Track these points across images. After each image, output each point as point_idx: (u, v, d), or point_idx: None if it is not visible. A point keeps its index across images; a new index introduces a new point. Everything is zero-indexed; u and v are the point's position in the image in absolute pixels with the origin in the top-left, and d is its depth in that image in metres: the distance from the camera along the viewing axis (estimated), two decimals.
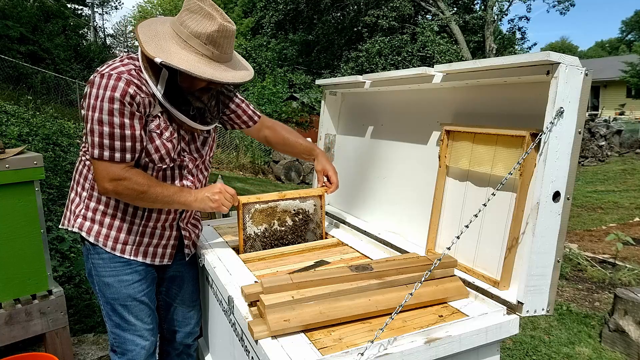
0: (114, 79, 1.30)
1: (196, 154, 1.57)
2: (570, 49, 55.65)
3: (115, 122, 1.31)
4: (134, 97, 1.32)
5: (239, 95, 1.75)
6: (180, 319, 1.77)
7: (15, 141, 5.12)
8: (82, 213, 1.51)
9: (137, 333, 1.57)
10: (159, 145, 1.43)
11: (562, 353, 2.75)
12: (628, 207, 7.38)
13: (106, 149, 1.33)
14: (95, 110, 1.30)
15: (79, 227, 1.51)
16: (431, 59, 16.69)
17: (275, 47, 20.81)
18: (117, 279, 1.52)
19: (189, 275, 1.76)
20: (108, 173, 1.35)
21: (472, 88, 1.50)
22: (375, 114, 2.08)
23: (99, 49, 19.93)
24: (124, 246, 1.51)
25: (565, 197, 1.15)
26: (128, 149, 1.35)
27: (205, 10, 1.32)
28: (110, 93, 1.29)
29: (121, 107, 1.31)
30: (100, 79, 1.31)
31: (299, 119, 14.69)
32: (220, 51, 1.36)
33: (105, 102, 1.29)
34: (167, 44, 1.34)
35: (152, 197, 1.41)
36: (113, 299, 1.53)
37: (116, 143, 1.33)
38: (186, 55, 1.32)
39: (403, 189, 1.84)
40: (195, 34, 1.32)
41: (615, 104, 25.32)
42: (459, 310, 1.21)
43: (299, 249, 1.69)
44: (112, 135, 1.32)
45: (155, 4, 32.90)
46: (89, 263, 1.55)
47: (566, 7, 20.59)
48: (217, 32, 1.32)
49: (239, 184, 9.46)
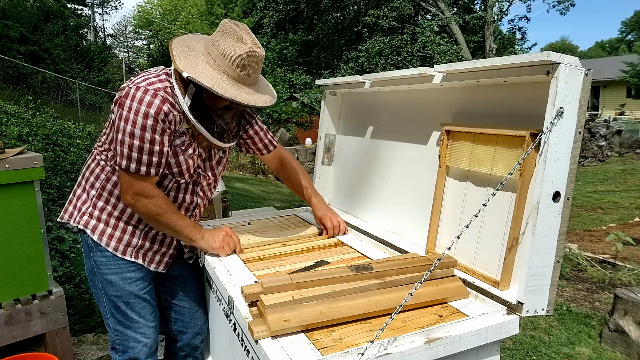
0: (150, 94, 1.34)
1: (210, 172, 1.64)
2: (570, 49, 55.68)
3: (147, 137, 1.35)
4: (167, 114, 1.36)
5: (260, 122, 1.80)
6: (187, 320, 1.78)
7: (15, 141, 5.12)
8: (89, 211, 1.54)
9: (140, 331, 1.59)
10: (181, 161, 1.48)
11: (562, 353, 2.75)
12: (628, 207, 7.38)
13: (134, 162, 1.37)
14: (128, 122, 1.34)
15: (84, 224, 1.53)
16: (431, 59, 16.71)
17: (275, 47, 20.82)
18: (120, 277, 1.54)
19: (192, 274, 1.77)
20: (132, 186, 1.40)
21: (472, 88, 1.50)
22: (375, 114, 2.08)
23: (99, 49, 19.94)
24: (125, 247, 1.54)
25: (565, 197, 1.15)
26: (154, 164, 1.40)
27: (238, 34, 1.37)
28: (146, 109, 1.33)
29: (154, 123, 1.34)
30: (135, 91, 1.34)
31: (299, 119, 14.69)
32: (246, 74, 1.40)
33: (140, 117, 1.33)
34: (197, 60, 1.39)
35: (164, 222, 1.46)
36: (116, 297, 1.55)
37: (144, 157, 1.37)
38: (212, 74, 1.36)
39: (403, 189, 1.84)
40: (224, 55, 1.37)
41: (615, 104, 25.33)
42: (459, 310, 1.21)
43: (299, 249, 1.69)
44: (141, 149, 1.36)
45: (155, 4, 32.91)
46: (91, 261, 1.57)
47: (566, 7, 20.58)
48: (246, 55, 1.37)
49: (239, 184, 9.46)
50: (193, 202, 1.62)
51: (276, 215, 2.20)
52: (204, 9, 28.73)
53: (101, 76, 17.35)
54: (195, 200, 1.62)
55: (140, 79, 1.40)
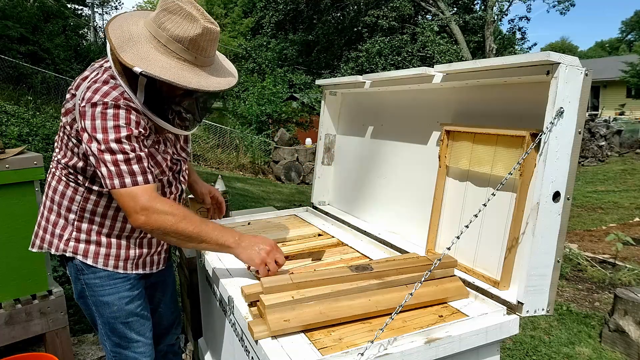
0: (112, 107, 1.20)
1: (183, 153, 1.55)
2: (570, 49, 55.68)
3: (127, 148, 1.22)
4: (138, 122, 1.25)
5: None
6: (165, 323, 1.76)
7: (15, 141, 5.12)
8: (73, 236, 1.41)
9: (139, 350, 1.51)
10: (160, 161, 1.40)
11: (562, 353, 2.75)
12: (628, 207, 7.38)
13: (127, 176, 1.21)
14: (101, 142, 1.20)
15: (72, 250, 1.41)
16: (431, 59, 16.71)
17: (275, 47, 20.82)
18: (117, 297, 1.44)
19: (170, 279, 1.76)
20: (137, 202, 1.21)
21: (472, 88, 1.50)
22: (375, 114, 2.08)
23: (99, 49, 19.92)
24: (125, 262, 1.45)
25: (565, 197, 1.15)
26: (147, 169, 1.25)
27: (186, 11, 1.21)
28: (114, 123, 1.20)
29: (128, 133, 1.22)
30: (93, 109, 1.19)
31: (299, 119, 14.68)
32: (203, 55, 1.27)
33: (111, 134, 1.20)
34: (144, 48, 1.23)
35: (184, 232, 1.25)
36: (113, 318, 1.45)
37: (134, 167, 1.23)
38: (167, 62, 1.22)
39: (403, 189, 1.84)
40: (175, 38, 1.22)
41: (615, 104, 25.31)
42: (459, 310, 1.21)
43: (299, 249, 1.69)
44: (127, 160, 1.22)
45: (155, 4, 32.88)
46: (79, 284, 1.45)
47: (566, 7, 20.59)
48: (200, 35, 1.22)
49: (239, 184, 9.47)
50: (179, 190, 1.55)
51: (276, 215, 2.20)
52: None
53: None
54: (180, 187, 1.54)
55: (90, 93, 1.22)
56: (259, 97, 14.66)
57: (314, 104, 14.97)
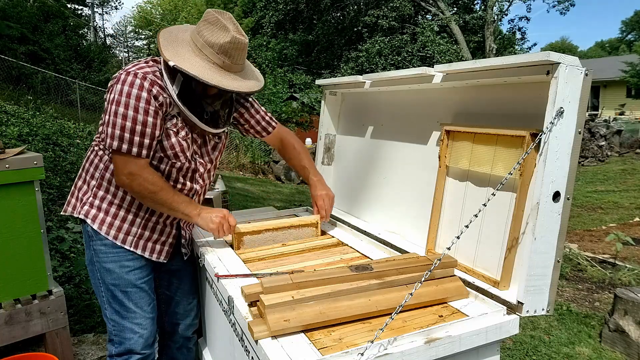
0: (139, 77, 1.39)
1: (206, 157, 1.66)
2: (570, 49, 55.66)
3: (138, 118, 1.39)
4: (157, 97, 1.41)
5: (256, 105, 1.82)
6: (181, 312, 1.83)
7: (15, 141, 5.13)
8: (89, 201, 1.56)
9: (136, 321, 1.60)
10: (174, 143, 1.50)
11: (562, 353, 2.75)
12: (628, 207, 7.37)
13: (125, 143, 1.40)
14: (120, 104, 1.38)
15: (85, 214, 1.56)
16: (431, 59, 16.71)
17: (275, 47, 20.83)
18: (118, 264, 1.56)
19: (189, 269, 1.83)
20: (126, 166, 1.43)
21: (472, 88, 1.50)
22: (375, 114, 2.08)
23: (99, 49, 19.94)
24: (125, 236, 1.56)
25: (565, 197, 1.15)
26: (145, 145, 1.43)
27: (221, 23, 1.42)
28: (137, 91, 1.38)
29: (145, 105, 1.39)
30: (126, 76, 1.39)
31: (299, 119, 14.69)
32: (231, 61, 1.44)
33: (132, 99, 1.38)
34: (183, 49, 1.44)
35: (160, 200, 1.48)
36: (114, 285, 1.57)
37: (135, 138, 1.40)
38: (198, 62, 1.41)
39: (403, 189, 1.84)
40: (209, 44, 1.42)
41: (615, 104, 25.30)
42: (459, 310, 1.21)
43: (299, 249, 1.69)
44: (132, 130, 1.39)
45: (155, 4, 32.93)
46: (90, 250, 1.59)
47: (566, 7, 20.61)
48: (229, 43, 1.41)
49: (239, 184, 9.46)
50: (191, 188, 1.63)
51: (276, 215, 2.20)
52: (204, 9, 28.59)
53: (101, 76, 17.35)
54: (192, 186, 1.63)
55: (130, 65, 1.45)
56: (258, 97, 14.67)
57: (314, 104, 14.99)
